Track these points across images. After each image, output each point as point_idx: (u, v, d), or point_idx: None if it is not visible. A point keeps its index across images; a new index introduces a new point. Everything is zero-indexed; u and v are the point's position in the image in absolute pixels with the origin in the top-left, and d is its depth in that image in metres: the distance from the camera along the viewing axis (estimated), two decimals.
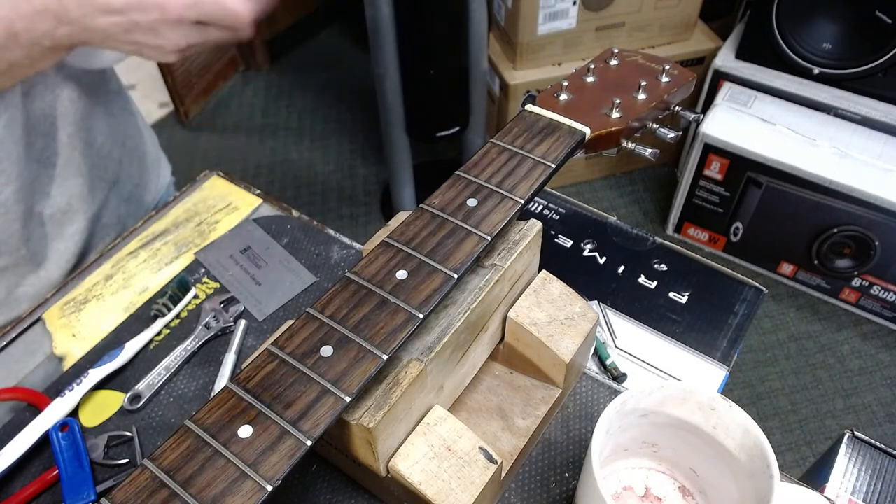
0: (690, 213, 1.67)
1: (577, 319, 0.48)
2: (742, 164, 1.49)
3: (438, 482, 0.39)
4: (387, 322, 0.37)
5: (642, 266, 0.69)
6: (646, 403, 0.42)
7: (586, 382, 0.54)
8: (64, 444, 0.50)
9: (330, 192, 1.92)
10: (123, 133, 0.72)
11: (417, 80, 1.46)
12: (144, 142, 0.78)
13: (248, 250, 0.64)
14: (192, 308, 0.60)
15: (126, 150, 0.73)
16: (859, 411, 1.44)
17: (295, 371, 0.35)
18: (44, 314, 0.61)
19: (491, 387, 0.51)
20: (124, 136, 0.72)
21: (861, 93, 1.46)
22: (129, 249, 0.65)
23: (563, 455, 0.50)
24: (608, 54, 0.54)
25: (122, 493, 0.31)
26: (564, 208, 0.75)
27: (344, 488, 0.48)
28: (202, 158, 2.03)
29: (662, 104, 0.51)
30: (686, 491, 0.48)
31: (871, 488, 0.58)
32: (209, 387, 0.55)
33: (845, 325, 1.57)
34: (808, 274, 1.58)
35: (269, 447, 0.32)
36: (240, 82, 2.27)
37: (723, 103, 1.53)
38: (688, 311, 0.65)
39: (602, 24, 1.61)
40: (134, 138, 0.75)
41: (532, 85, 1.65)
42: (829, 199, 1.43)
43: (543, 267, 0.50)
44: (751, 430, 0.39)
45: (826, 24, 1.44)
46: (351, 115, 2.13)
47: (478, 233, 0.41)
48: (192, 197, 0.70)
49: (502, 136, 0.46)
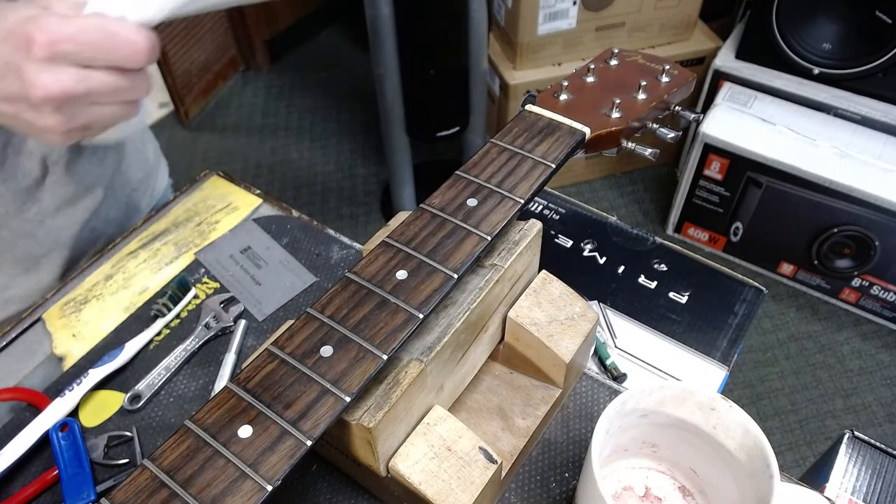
0: (690, 213, 1.67)
1: (577, 319, 0.48)
2: (742, 164, 1.49)
3: (438, 482, 0.39)
4: (387, 322, 0.37)
5: (642, 266, 0.69)
6: (646, 403, 0.42)
7: (586, 382, 0.54)
8: (64, 444, 0.50)
9: (330, 192, 1.92)
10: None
11: (417, 80, 1.46)
12: (146, 146, 0.77)
13: (248, 250, 0.64)
14: (192, 308, 0.60)
15: (124, 154, 0.72)
16: (859, 411, 1.44)
17: (295, 371, 0.35)
18: (44, 314, 0.61)
19: (491, 387, 0.51)
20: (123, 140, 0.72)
21: (861, 93, 1.46)
22: (129, 249, 0.65)
23: (563, 455, 0.50)
24: (608, 54, 0.54)
25: (122, 493, 0.31)
26: (564, 208, 0.75)
27: (344, 488, 0.48)
28: (202, 158, 2.03)
29: (662, 104, 0.51)
30: (686, 491, 0.48)
31: (871, 488, 0.58)
32: (209, 387, 0.55)
33: (845, 325, 1.57)
34: (808, 274, 1.58)
35: (269, 447, 0.32)
36: (240, 82, 2.27)
37: (723, 103, 1.53)
38: (688, 311, 0.65)
39: (602, 24, 1.61)
40: (134, 142, 0.74)
41: (532, 85, 1.65)
42: (829, 199, 1.43)
43: (543, 267, 0.49)
44: (751, 430, 0.39)
45: (826, 24, 1.44)
46: (351, 115, 2.13)
47: (478, 233, 0.41)
48: (192, 197, 0.70)
49: (502, 136, 0.46)
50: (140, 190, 0.75)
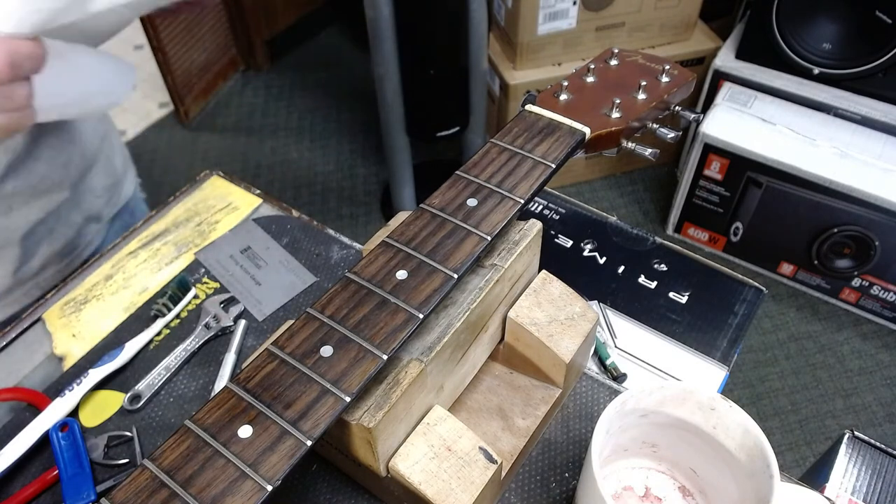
0: (690, 213, 1.67)
1: (577, 319, 0.48)
2: (742, 164, 1.49)
3: (438, 482, 0.39)
4: (387, 322, 0.37)
5: (642, 266, 0.69)
6: (646, 403, 0.42)
7: (586, 382, 0.54)
8: (64, 444, 0.50)
9: (330, 192, 1.92)
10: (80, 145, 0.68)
11: (417, 80, 1.46)
12: (115, 154, 0.75)
13: (248, 250, 0.64)
14: (192, 308, 0.60)
15: (94, 161, 0.69)
16: (859, 411, 1.44)
17: (295, 371, 0.35)
18: (44, 314, 0.61)
19: (491, 387, 0.51)
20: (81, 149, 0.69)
21: (861, 93, 1.46)
22: (129, 249, 0.65)
23: (563, 455, 0.50)
24: (608, 54, 0.54)
25: (122, 493, 0.31)
26: (564, 208, 0.75)
27: (344, 488, 0.48)
28: (202, 158, 2.03)
29: (662, 104, 0.51)
30: (686, 491, 0.48)
31: (871, 488, 0.58)
32: (209, 387, 0.55)
33: (845, 325, 1.57)
34: (808, 274, 1.58)
35: (269, 447, 0.32)
36: (240, 82, 2.27)
37: (723, 103, 1.53)
38: (688, 311, 0.65)
39: (602, 24, 1.61)
40: (104, 150, 0.72)
41: (532, 85, 1.65)
42: (829, 199, 1.43)
43: (543, 267, 0.49)
44: (751, 430, 0.39)
45: (826, 24, 1.44)
46: (351, 115, 2.13)
47: (478, 233, 0.41)
48: (192, 197, 0.70)
49: (502, 136, 0.46)
50: (104, 197, 0.73)
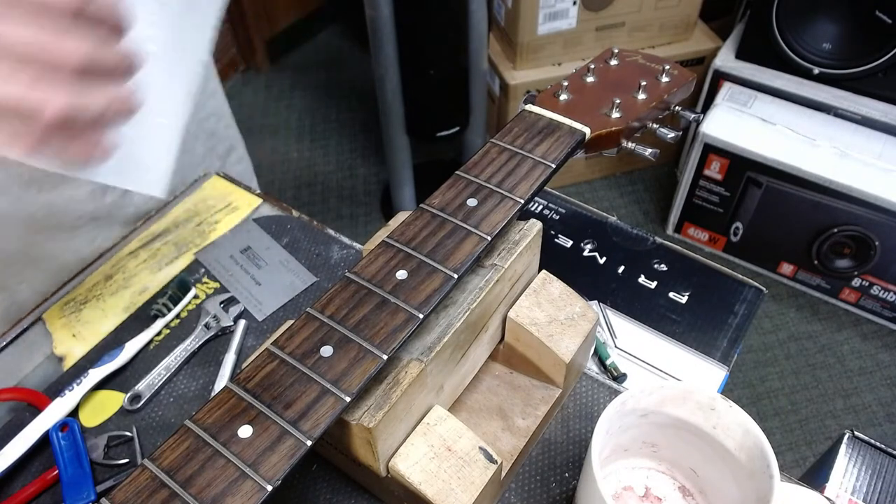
0: (690, 213, 1.67)
1: (577, 319, 0.48)
2: (742, 164, 1.49)
3: (438, 482, 0.39)
4: (387, 322, 0.37)
5: (642, 266, 0.69)
6: (646, 403, 0.42)
7: (586, 382, 0.54)
8: (64, 444, 0.50)
9: (330, 192, 1.92)
10: None
11: (417, 80, 1.46)
12: None
13: (248, 250, 0.64)
14: (192, 308, 0.60)
15: None
16: (859, 411, 1.44)
17: (295, 371, 0.35)
18: (44, 314, 0.61)
19: (491, 387, 0.51)
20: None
21: (861, 93, 1.46)
22: (129, 249, 0.65)
23: (563, 455, 0.50)
24: (608, 54, 0.54)
25: (122, 493, 0.31)
26: (564, 208, 0.75)
27: (344, 488, 0.48)
28: None
29: (662, 104, 0.51)
30: (686, 491, 0.48)
31: (871, 488, 0.58)
32: (209, 387, 0.55)
33: (845, 325, 1.57)
34: (808, 274, 1.58)
35: (269, 447, 0.32)
36: (240, 82, 2.27)
37: (723, 103, 1.53)
38: (688, 311, 0.65)
39: (602, 24, 1.61)
40: None
41: (532, 85, 1.65)
42: (829, 199, 1.43)
43: (543, 267, 0.49)
44: (751, 430, 0.39)
45: (826, 24, 1.44)
46: (351, 115, 2.13)
47: (478, 233, 0.41)
48: (192, 197, 0.70)
49: (502, 136, 0.46)
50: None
